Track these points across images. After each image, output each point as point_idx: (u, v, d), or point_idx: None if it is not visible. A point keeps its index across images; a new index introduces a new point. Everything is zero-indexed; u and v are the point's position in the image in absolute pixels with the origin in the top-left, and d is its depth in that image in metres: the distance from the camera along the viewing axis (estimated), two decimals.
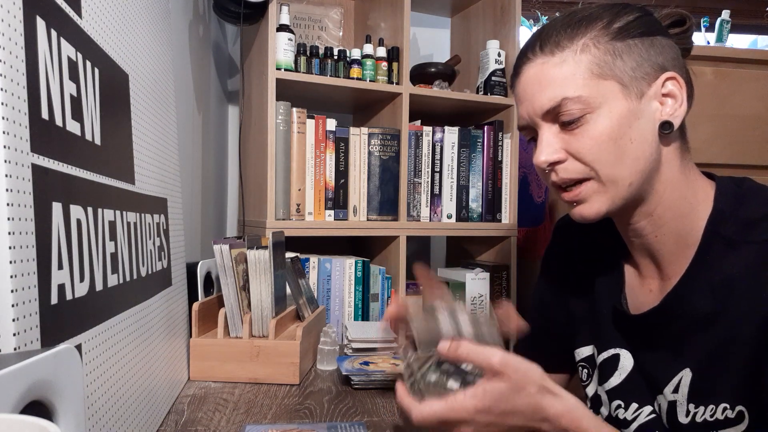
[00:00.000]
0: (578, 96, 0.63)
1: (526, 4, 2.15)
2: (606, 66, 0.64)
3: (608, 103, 0.64)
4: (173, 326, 0.87)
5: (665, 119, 0.65)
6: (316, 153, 1.44)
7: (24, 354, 0.35)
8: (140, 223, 0.71)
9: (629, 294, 0.75)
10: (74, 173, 0.51)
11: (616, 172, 0.64)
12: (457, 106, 1.67)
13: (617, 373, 0.74)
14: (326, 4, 1.80)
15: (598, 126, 0.64)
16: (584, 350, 0.81)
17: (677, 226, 0.68)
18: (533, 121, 0.68)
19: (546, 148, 0.67)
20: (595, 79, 0.64)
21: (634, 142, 0.64)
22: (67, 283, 0.48)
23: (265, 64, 1.36)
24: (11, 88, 0.41)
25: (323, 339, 1.08)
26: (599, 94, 0.64)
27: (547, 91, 0.65)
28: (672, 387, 0.67)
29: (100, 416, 0.53)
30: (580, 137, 0.65)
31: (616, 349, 0.75)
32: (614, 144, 0.63)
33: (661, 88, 0.65)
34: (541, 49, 0.66)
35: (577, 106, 0.64)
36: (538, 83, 0.66)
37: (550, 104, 0.65)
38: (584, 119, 0.64)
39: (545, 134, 0.67)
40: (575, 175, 0.66)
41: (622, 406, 0.74)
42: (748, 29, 2.48)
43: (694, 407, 0.65)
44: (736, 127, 1.52)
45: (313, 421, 0.79)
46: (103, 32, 0.62)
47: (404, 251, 1.50)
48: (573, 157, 0.66)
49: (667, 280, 0.70)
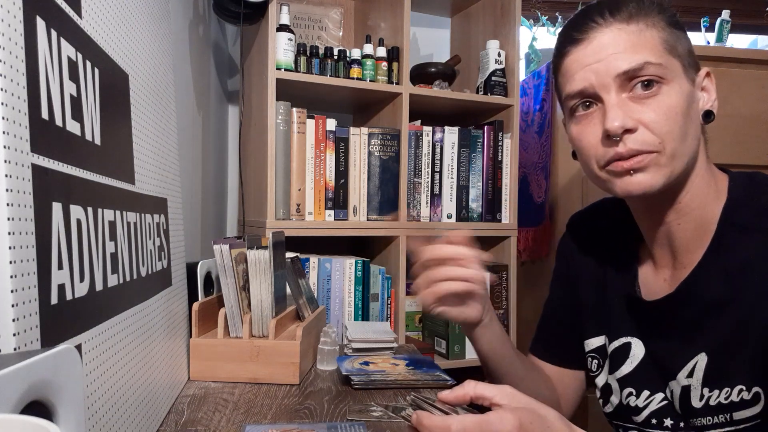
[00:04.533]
0: (660, 63, 0.64)
1: (526, 4, 2.15)
2: (673, 45, 0.65)
3: (678, 79, 0.65)
4: (173, 326, 0.87)
5: (708, 108, 0.68)
6: (316, 153, 1.44)
7: (24, 354, 0.35)
8: (140, 223, 0.71)
9: (642, 283, 0.76)
10: (74, 173, 0.51)
11: (681, 147, 0.65)
12: (457, 106, 1.67)
13: (629, 361, 0.75)
14: (326, 4, 1.80)
15: (671, 99, 0.64)
16: (594, 341, 0.81)
17: (699, 214, 0.69)
18: (601, 84, 0.65)
19: (620, 113, 0.64)
20: (667, 54, 0.65)
21: (694, 122, 0.66)
22: (67, 283, 0.48)
23: (265, 64, 1.36)
24: (11, 88, 0.41)
25: (323, 339, 1.08)
26: (672, 68, 0.65)
27: (626, 54, 0.64)
28: (686, 372, 0.68)
29: (100, 416, 0.53)
30: (654, 107, 0.64)
31: (628, 337, 0.76)
32: (684, 119, 0.64)
33: (702, 81, 0.68)
34: (613, 16, 0.66)
35: (657, 72, 0.64)
36: (616, 46, 0.65)
37: (630, 65, 0.64)
38: (659, 89, 0.64)
39: (614, 100, 0.65)
40: (645, 146, 0.64)
41: (633, 394, 0.74)
42: (748, 29, 2.48)
43: (709, 391, 0.66)
44: (736, 127, 1.52)
45: (313, 421, 0.79)
46: (103, 32, 0.62)
47: (404, 251, 1.50)
48: (644, 126, 0.64)
49: (681, 269, 0.71)
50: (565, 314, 0.88)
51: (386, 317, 1.51)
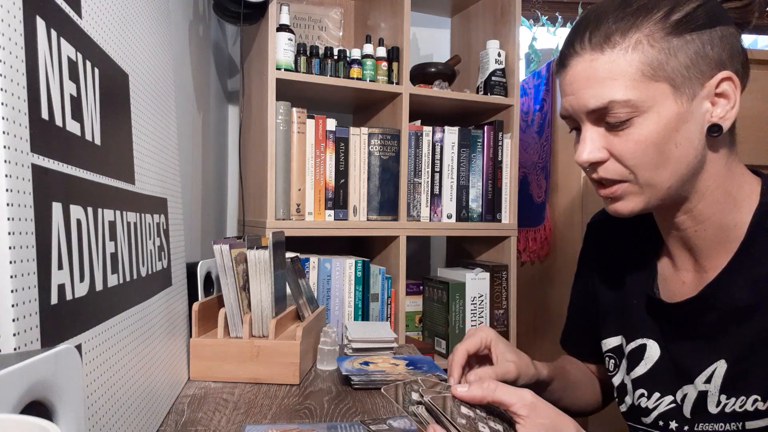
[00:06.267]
0: (627, 100, 0.61)
1: (526, 4, 2.15)
2: (659, 67, 0.61)
3: (657, 106, 0.61)
4: (173, 326, 0.87)
5: (714, 122, 0.63)
6: (316, 153, 1.44)
7: (24, 354, 0.35)
8: (140, 223, 0.71)
9: (661, 285, 0.76)
10: (74, 173, 0.51)
11: (655, 176, 0.63)
12: (457, 106, 1.67)
13: (643, 362, 0.75)
14: (326, 4, 1.80)
15: (643, 130, 0.62)
16: (611, 341, 0.81)
17: (719, 220, 0.67)
18: (577, 116, 0.66)
19: (588, 146, 0.65)
20: (646, 81, 0.61)
21: (679, 146, 0.62)
22: (67, 283, 0.48)
23: (265, 64, 1.36)
24: (11, 88, 0.41)
25: (323, 339, 1.08)
26: (649, 97, 0.61)
27: (593, 91, 0.63)
28: (704, 377, 0.67)
29: (100, 416, 0.53)
30: (624, 140, 0.63)
31: (644, 339, 0.75)
32: (658, 149, 0.62)
33: (715, 88, 0.63)
34: (590, 42, 0.63)
35: (624, 110, 0.61)
36: (586, 80, 0.64)
37: (596, 105, 0.63)
38: (631, 122, 0.62)
39: (588, 132, 0.66)
40: (614, 176, 0.65)
41: (645, 395, 0.74)
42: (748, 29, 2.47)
43: (726, 398, 0.66)
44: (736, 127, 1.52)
45: (313, 421, 0.79)
46: (103, 32, 0.62)
47: (404, 251, 1.50)
48: (614, 158, 0.65)
49: (703, 273, 0.70)
50: (588, 316, 0.89)
51: (386, 317, 1.51)
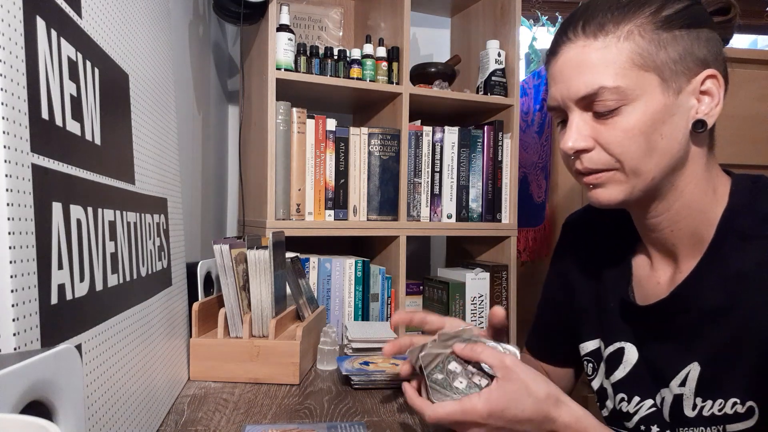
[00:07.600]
0: (616, 86, 0.62)
1: (526, 4, 2.15)
2: (649, 57, 0.62)
3: (645, 96, 0.62)
4: (173, 326, 0.87)
5: (700, 117, 0.64)
6: (316, 153, 1.44)
7: (24, 354, 0.35)
8: (140, 223, 0.71)
9: (636, 286, 0.75)
10: (74, 173, 0.51)
11: (641, 165, 0.63)
12: (457, 106, 1.67)
13: (621, 366, 0.74)
14: (326, 4, 1.80)
15: (631, 119, 0.62)
16: (589, 344, 0.81)
17: (694, 222, 0.67)
18: (565, 104, 0.66)
19: (575, 134, 0.65)
20: (636, 69, 0.62)
21: (664, 138, 0.63)
22: (67, 283, 0.48)
23: (265, 64, 1.36)
24: (11, 88, 0.41)
25: (323, 339, 1.08)
26: (638, 86, 0.62)
27: (584, 77, 0.63)
28: (679, 380, 0.67)
29: (100, 416, 0.53)
30: (611, 128, 0.63)
31: (622, 342, 0.75)
32: (644, 138, 0.62)
33: (700, 85, 0.64)
34: (584, 30, 0.64)
35: (613, 97, 0.62)
36: (577, 67, 0.64)
37: (586, 91, 0.63)
38: (618, 111, 0.63)
39: (576, 120, 0.66)
40: (600, 165, 0.65)
41: (625, 399, 0.74)
42: (748, 29, 2.48)
43: (702, 401, 0.65)
44: (736, 127, 1.52)
45: (313, 421, 0.79)
46: (103, 32, 0.62)
47: (404, 251, 1.50)
48: (601, 146, 0.65)
49: (678, 274, 0.70)
50: (559, 316, 0.88)
51: (386, 317, 1.51)
